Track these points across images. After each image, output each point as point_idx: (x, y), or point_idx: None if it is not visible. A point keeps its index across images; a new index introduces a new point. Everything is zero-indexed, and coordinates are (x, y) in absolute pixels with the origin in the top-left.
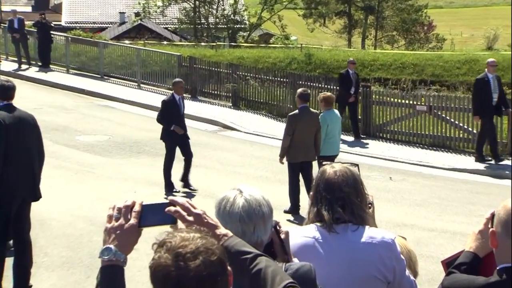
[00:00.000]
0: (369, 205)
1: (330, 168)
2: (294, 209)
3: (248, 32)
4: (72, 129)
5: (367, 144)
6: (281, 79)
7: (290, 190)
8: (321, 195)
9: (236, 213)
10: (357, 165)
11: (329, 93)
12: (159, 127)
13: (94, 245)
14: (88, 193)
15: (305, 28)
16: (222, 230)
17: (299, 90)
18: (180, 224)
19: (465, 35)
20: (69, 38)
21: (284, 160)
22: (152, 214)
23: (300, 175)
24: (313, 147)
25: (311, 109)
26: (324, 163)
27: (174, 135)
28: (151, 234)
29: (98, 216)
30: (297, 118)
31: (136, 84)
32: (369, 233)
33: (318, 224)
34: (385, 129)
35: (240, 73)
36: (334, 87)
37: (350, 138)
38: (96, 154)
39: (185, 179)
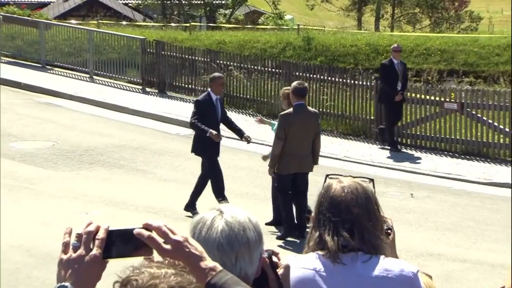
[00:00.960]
0: (388, 231)
1: (337, 183)
2: (289, 231)
3: (231, 10)
4: (5, 133)
5: (385, 152)
6: (273, 70)
7: (282, 208)
8: (324, 216)
9: (214, 239)
10: (372, 180)
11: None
12: (118, 131)
13: (34, 283)
14: (25, 215)
15: (303, 4)
16: (208, 262)
17: (294, 83)
18: (156, 255)
19: (506, 13)
20: (0, 17)
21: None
22: (121, 242)
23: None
24: (310, 155)
25: (309, 107)
26: (330, 176)
27: (209, 144)
28: (113, 269)
29: (39, 245)
30: (291, 118)
31: (88, 75)
32: (384, 265)
33: (320, 252)
34: (405, 133)
35: (221, 62)
36: (344, 80)
37: (370, 147)
38: (36, 166)
39: (192, 203)
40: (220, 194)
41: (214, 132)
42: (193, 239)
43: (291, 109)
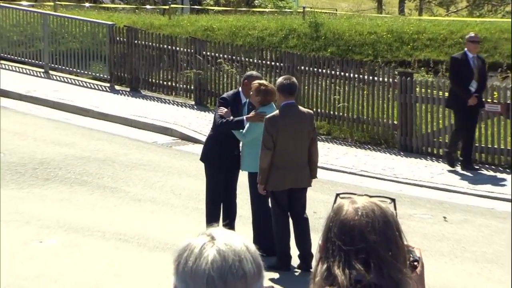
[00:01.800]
0: (414, 263)
1: (350, 204)
2: (283, 263)
3: None
4: None
5: (410, 165)
6: (273, 63)
7: (275, 233)
8: (334, 244)
9: (203, 271)
10: (393, 200)
11: (266, 82)
12: (81, 139)
13: None
14: None
15: None
16: None
17: (280, 79)
18: None
19: None
20: None
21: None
22: None
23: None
24: (306, 165)
25: (300, 107)
26: (341, 195)
27: (223, 153)
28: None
29: None
30: (279, 122)
31: (43, 70)
32: None
33: None
34: (435, 141)
35: (208, 53)
36: (361, 76)
37: (393, 159)
38: None
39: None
40: (208, 217)
41: (253, 113)
42: (174, 270)
43: (276, 111)
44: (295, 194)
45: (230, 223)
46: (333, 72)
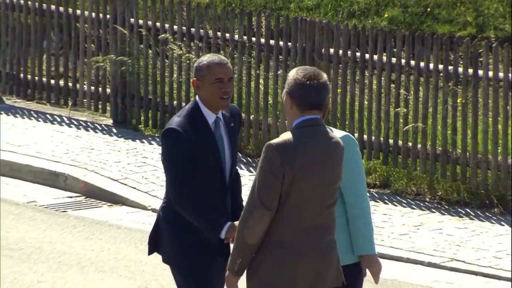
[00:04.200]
0: None
1: None
2: None
3: None
4: None
5: None
6: (271, 43)
7: None
8: None
9: None
10: None
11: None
12: None
13: None
14: None
15: None
16: None
17: (293, 74)
18: None
19: None
20: None
21: None
22: None
23: None
24: (334, 244)
25: (331, 128)
26: None
27: (205, 247)
28: None
29: None
30: (295, 154)
31: None
32: None
33: None
34: None
35: (140, 22)
36: (449, 69)
37: None
38: None
39: None
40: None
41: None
42: None
43: (288, 135)
44: None
45: None
46: (392, 60)
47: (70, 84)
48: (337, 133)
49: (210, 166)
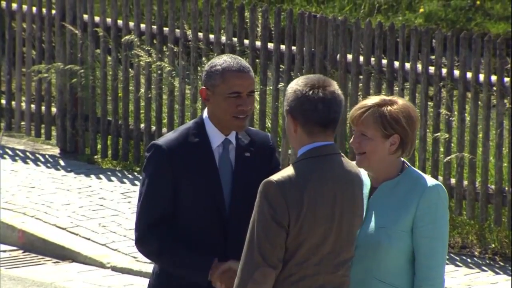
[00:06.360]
0: None
1: None
2: None
3: None
4: None
5: None
6: (269, 46)
7: None
8: None
9: None
10: None
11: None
12: None
13: None
14: None
15: None
16: None
17: (293, 86)
18: None
19: None
20: None
21: None
22: None
23: None
24: None
25: (344, 158)
26: None
27: None
28: None
29: None
30: (301, 193)
31: None
32: None
33: None
34: None
35: (97, 20)
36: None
37: None
38: None
39: None
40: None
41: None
42: None
43: (293, 170)
44: None
45: None
46: (430, 69)
47: (3, 102)
48: (429, 181)
49: (202, 203)
